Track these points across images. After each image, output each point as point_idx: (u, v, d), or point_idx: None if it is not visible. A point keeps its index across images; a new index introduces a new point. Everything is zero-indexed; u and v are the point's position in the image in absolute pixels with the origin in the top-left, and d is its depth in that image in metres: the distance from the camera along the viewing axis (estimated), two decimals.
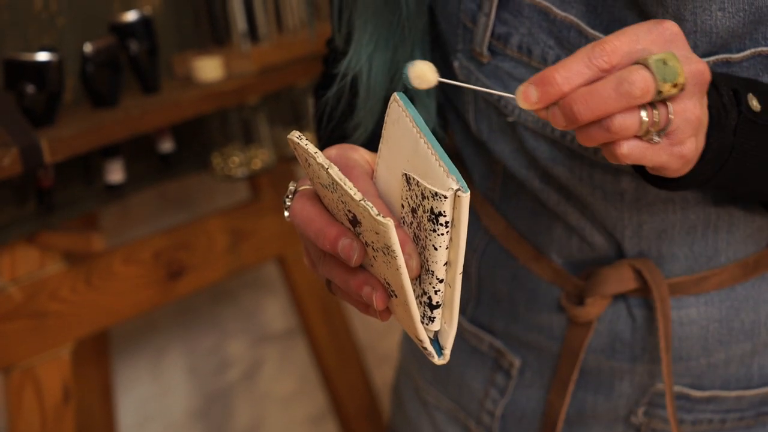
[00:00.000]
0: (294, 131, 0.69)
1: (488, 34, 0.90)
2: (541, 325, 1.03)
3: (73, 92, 1.57)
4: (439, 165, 0.64)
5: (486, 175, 1.02)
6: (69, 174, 1.58)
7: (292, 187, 0.76)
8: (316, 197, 0.72)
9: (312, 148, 0.67)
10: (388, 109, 0.70)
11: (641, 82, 0.65)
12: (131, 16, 1.59)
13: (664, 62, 0.66)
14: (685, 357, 0.99)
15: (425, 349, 0.69)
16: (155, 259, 1.73)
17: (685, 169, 0.73)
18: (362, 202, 0.64)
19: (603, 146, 0.70)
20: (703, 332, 0.97)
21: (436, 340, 0.70)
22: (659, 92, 0.66)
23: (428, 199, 0.64)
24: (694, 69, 0.69)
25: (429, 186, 0.64)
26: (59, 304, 1.60)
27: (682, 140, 0.69)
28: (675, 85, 0.66)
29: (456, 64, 0.95)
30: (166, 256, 1.75)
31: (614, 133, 0.67)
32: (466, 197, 0.63)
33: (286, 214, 0.75)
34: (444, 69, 1.00)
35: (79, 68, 1.53)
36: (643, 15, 0.83)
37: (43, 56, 1.44)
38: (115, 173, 1.60)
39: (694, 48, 0.82)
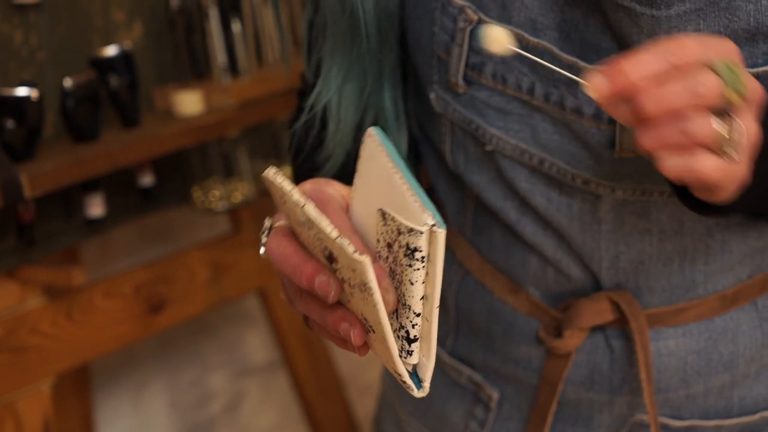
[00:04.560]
0: (269, 168, 0.69)
1: (462, 64, 0.90)
2: (518, 357, 1.03)
3: (53, 127, 1.58)
4: (415, 200, 0.64)
5: (458, 209, 1.02)
6: (49, 208, 1.58)
7: (267, 223, 0.76)
8: (292, 234, 0.72)
9: (287, 186, 0.67)
10: (362, 144, 0.70)
11: (710, 83, 0.64)
12: (111, 50, 1.59)
13: (731, 70, 0.65)
14: (663, 388, 0.99)
15: (404, 382, 0.69)
16: (136, 293, 1.73)
17: (730, 190, 0.71)
18: (338, 240, 0.63)
19: (666, 159, 0.67)
20: (682, 364, 0.98)
21: (415, 373, 0.70)
22: (725, 99, 0.65)
23: (404, 235, 0.64)
24: (754, 86, 0.68)
25: (404, 222, 0.64)
26: (40, 338, 1.59)
27: (741, 159, 0.68)
28: (740, 95, 0.65)
29: (432, 95, 0.95)
30: (147, 289, 1.75)
31: (690, 135, 0.65)
32: (442, 233, 0.63)
33: (262, 250, 0.75)
34: (420, 101, 1.00)
35: (59, 103, 1.53)
36: (617, 38, 0.84)
37: (23, 91, 1.44)
38: (96, 207, 1.60)
39: None
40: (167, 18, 1.73)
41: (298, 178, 1.03)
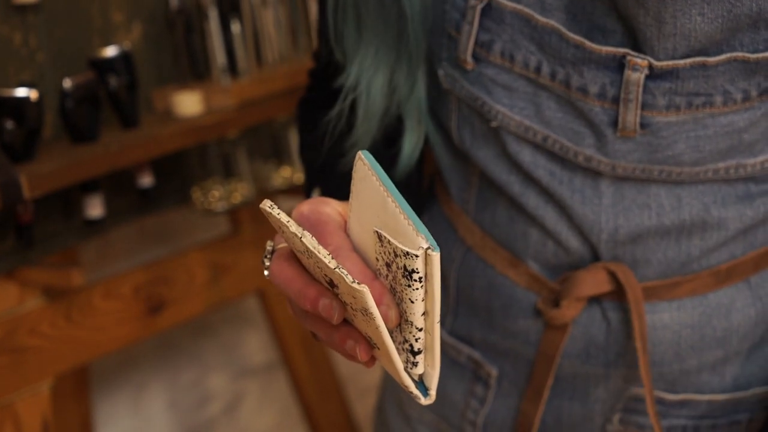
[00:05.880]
0: (265, 200, 0.70)
1: (472, 41, 0.92)
2: (517, 331, 1.04)
3: (52, 128, 1.57)
4: (408, 223, 0.66)
5: (463, 186, 1.04)
6: (48, 209, 1.58)
7: (269, 246, 0.78)
8: (294, 256, 0.74)
9: (284, 218, 0.69)
10: (354, 166, 0.72)
11: None
12: (111, 51, 1.59)
13: None
14: (658, 362, 1.00)
15: (411, 393, 0.71)
16: (135, 294, 1.73)
17: None
18: (337, 270, 0.66)
19: None
20: (676, 337, 0.99)
21: (421, 382, 0.72)
22: None
23: (400, 257, 0.66)
24: None
25: (400, 245, 0.66)
26: (39, 339, 1.59)
27: None
28: None
29: (441, 72, 0.97)
30: (147, 290, 1.75)
31: None
32: (436, 256, 0.65)
33: (266, 273, 0.77)
34: (428, 78, 1.02)
35: (59, 104, 1.53)
36: (622, 20, 0.85)
37: (22, 92, 1.44)
38: (95, 208, 1.60)
39: (673, 50, 0.84)
40: (166, 19, 1.72)
41: (325, 166, 1.04)
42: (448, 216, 1.08)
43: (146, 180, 1.69)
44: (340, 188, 0.92)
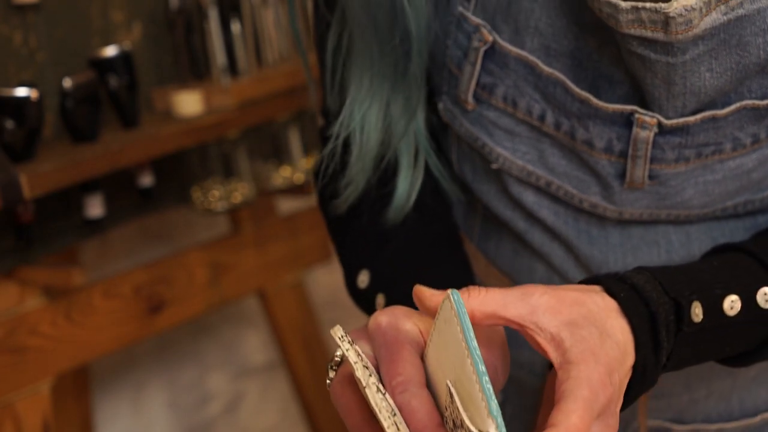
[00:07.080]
0: (338, 328, 0.67)
1: (473, 83, 0.89)
2: (523, 362, 1.02)
3: (52, 127, 1.57)
4: (482, 398, 0.62)
5: (466, 213, 1.02)
6: (49, 209, 1.58)
7: (338, 356, 0.75)
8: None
9: (353, 356, 0.66)
10: (442, 303, 0.68)
11: None
12: (111, 51, 1.59)
13: None
14: (667, 393, 0.98)
15: None
16: (135, 294, 1.73)
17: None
18: None
19: None
20: (686, 368, 0.98)
21: None
22: None
23: (465, 429, 0.62)
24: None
25: (467, 422, 0.62)
26: (39, 339, 1.59)
27: None
28: None
29: (441, 105, 0.94)
30: (147, 290, 1.75)
31: None
32: None
33: (328, 383, 0.75)
34: (429, 106, 0.99)
35: (59, 103, 1.53)
36: (629, 73, 0.83)
37: (22, 92, 1.44)
38: (95, 208, 1.60)
39: (683, 108, 0.82)
40: (166, 19, 1.73)
41: (323, 205, 1.02)
42: None
43: (146, 180, 1.69)
44: (392, 274, 0.90)
